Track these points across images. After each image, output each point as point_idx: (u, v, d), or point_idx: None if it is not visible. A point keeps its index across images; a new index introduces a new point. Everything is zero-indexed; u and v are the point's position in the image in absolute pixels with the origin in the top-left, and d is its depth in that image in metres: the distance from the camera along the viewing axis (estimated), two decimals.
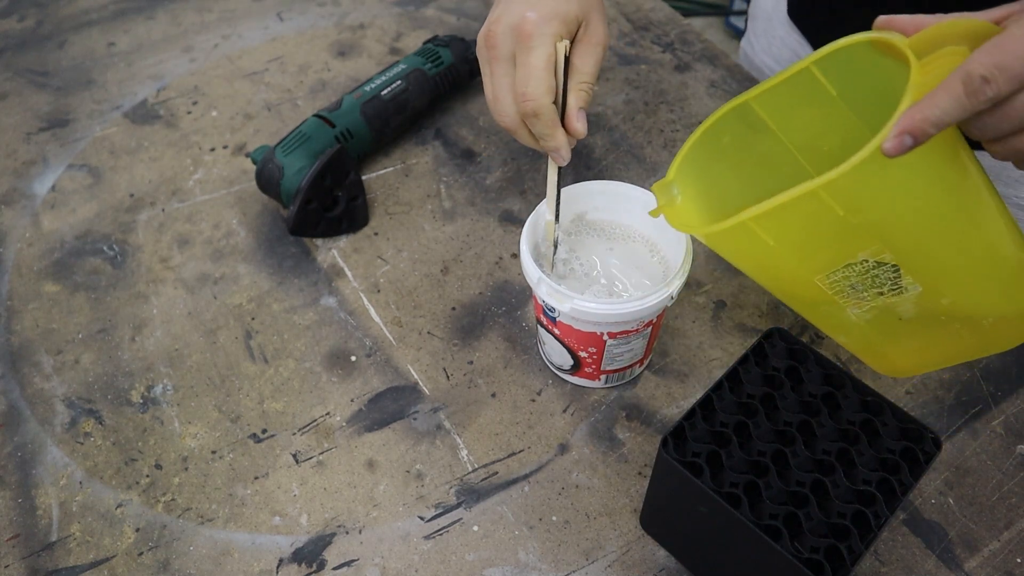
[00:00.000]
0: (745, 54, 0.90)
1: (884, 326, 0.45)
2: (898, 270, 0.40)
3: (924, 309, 0.43)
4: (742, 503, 0.43)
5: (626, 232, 0.59)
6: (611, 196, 0.58)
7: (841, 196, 0.36)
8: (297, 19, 0.91)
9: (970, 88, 0.35)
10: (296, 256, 0.68)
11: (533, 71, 0.52)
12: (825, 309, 0.46)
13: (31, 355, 0.63)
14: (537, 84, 0.52)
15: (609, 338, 0.53)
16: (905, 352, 0.48)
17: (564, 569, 0.51)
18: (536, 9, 0.53)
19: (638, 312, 0.50)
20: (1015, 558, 0.51)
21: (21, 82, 0.85)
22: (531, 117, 0.54)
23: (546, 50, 0.52)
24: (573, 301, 0.50)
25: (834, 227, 0.38)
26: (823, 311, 0.46)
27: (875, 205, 0.38)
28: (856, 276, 0.42)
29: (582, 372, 0.57)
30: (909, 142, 0.34)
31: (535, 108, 0.53)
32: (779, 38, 0.82)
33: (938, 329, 0.45)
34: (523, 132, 0.56)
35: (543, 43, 0.52)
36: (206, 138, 0.78)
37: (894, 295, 0.42)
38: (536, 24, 0.52)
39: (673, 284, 0.51)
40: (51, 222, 0.72)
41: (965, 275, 0.42)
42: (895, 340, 0.47)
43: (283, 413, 0.59)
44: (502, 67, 0.55)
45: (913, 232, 0.39)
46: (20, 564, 0.52)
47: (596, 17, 0.56)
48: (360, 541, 0.53)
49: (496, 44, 0.54)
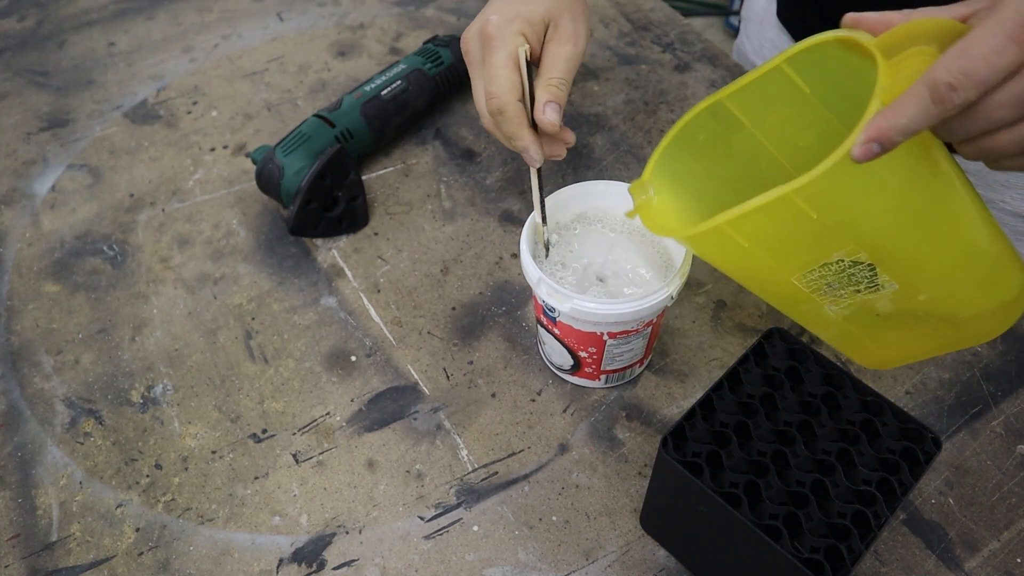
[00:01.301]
0: (739, 53, 0.91)
1: (862, 322, 0.45)
2: (874, 268, 0.40)
3: (901, 305, 0.43)
4: (742, 503, 0.43)
5: (627, 231, 0.59)
6: (612, 196, 0.58)
7: (813, 200, 0.36)
8: (297, 19, 0.91)
9: (936, 95, 0.34)
10: (296, 256, 0.68)
11: (494, 70, 0.53)
12: (804, 307, 0.46)
13: (31, 355, 0.63)
14: (499, 82, 0.53)
15: (609, 338, 0.53)
16: (885, 345, 0.48)
17: (564, 569, 0.51)
18: (499, 12, 0.54)
19: (638, 312, 0.50)
20: (1015, 558, 0.51)
21: (21, 82, 0.85)
22: (498, 116, 0.54)
23: (507, 49, 0.53)
24: (573, 301, 0.50)
25: (808, 229, 0.38)
26: (802, 308, 0.46)
27: (848, 207, 0.38)
28: (832, 275, 0.42)
29: (582, 372, 0.57)
30: (876, 149, 0.34)
31: (499, 105, 0.53)
32: (770, 40, 0.83)
33: (916, 324, 0.45)
34: (499, 133, 0.57)
35: (504, 43, 0.53)
36: (206, 138, 0.78)
37: (871, 292, 0.42)
38: (497, 26, 0.54)
39: (673, 284, 0.51)
40: (51, 222, 0.72)
41: (942, 272, 0.42)
42: (874, 335, 0.47)
43: (283, 413, 0.59)
44: (476, 71, 0.56)
45: (888, 232, 0.39)
46: (20, 564, 0.52)
47: (567, 17, 0.56)
48: (360, 541, 0.53)
49: (468, 50, 0.57)
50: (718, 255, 0.44)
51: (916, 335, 0.46)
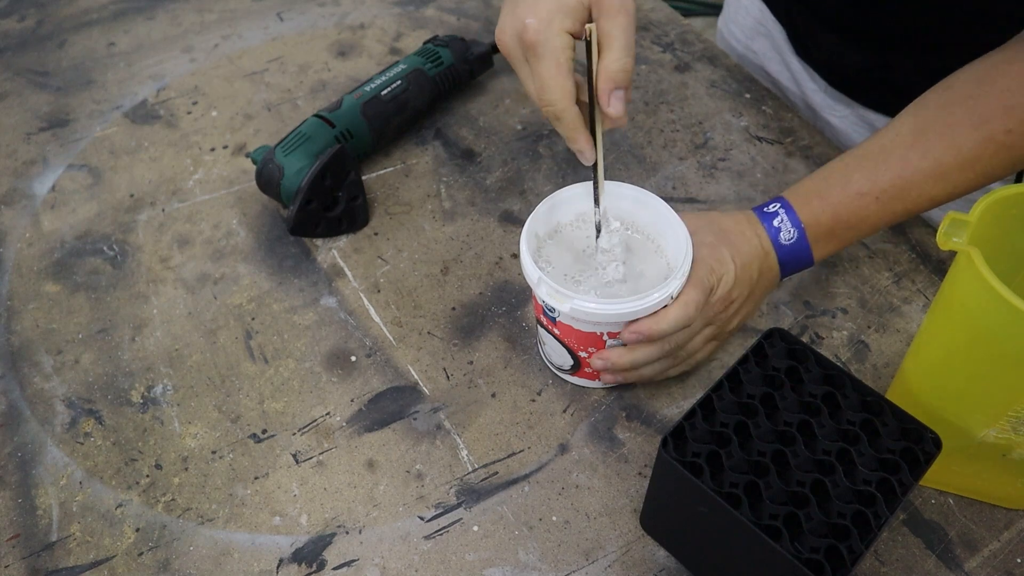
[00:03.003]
0: (720, 32, 0.94)
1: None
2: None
3: None
4: (742, 503, 0.43)
5: (632, 232, 0.58)
6: (613, 197, 0.58)
7: None
8: (297, 19, 0.91)
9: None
10: (296, 256, 0.68)
11: (544, 81, 0.52)
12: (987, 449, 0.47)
13: (31, 355, 0.63)
14: (552, 91, 0.51)
15: (609, 338, 0.53)
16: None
17: (564, 569, 0.51)
18: (534, 13, 0.51)
19: (637, 313, 0.50)
20: (1015, 558, 0.51)
21: (21, 82, 0.85)
22: (555, 121, 0.53)
23: (553, 58, 0.51)
24: (573, 301, 0.50)
25: None
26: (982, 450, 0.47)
27: None
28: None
29: (582, 372, 0.57)
30: None
31: (555, 112, 0.52)
32: (743, 7, 0.87)
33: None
34: (557, 128, 0.55)
35: (548, 51, 0.51)
36: (206, 138, 0.78)
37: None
38: (536, 31, 0.51)
39: (672, 285, 0.51)
40: (51, 222, 0.72)
41: None
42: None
43: (283, 413, 0.59)
44: (524, 71, 0.54)
45: None
46: (20, 564, 0.52)
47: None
48: (360, 541, 0.53)
49: (510, 53, 0.54)
50: (992, 332, 0.42)
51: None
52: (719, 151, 0.76)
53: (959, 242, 0.42)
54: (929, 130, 0.55)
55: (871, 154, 0.56)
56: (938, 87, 0.56)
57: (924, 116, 0.56)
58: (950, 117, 0.54)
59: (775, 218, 0.57)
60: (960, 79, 0.56)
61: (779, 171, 0.74)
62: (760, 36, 0.86)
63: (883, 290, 0.65)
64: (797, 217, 0.56)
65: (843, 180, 0.56)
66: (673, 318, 0.52)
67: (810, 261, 0.58)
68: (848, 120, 0.79)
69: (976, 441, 0.47)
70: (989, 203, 0.43)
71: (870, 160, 0.56)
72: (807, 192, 0.57)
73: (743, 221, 0.57)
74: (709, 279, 0.53)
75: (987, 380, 0.45)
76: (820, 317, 0.63)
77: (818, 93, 0.81)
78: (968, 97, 0.54)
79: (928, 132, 0.55)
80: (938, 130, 0.54)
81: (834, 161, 0.58)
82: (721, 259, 0.54)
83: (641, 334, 0.51)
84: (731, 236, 0.56)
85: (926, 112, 0.56)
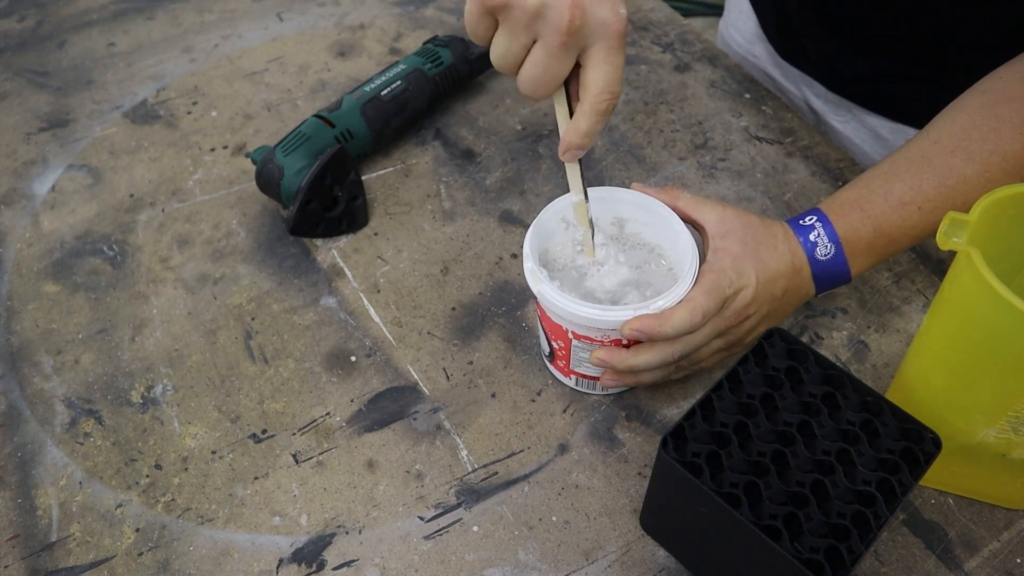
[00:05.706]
0: (720, 35, 0.94)
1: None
2: None
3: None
4: (742, 503, 0.43)
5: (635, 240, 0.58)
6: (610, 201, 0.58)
7: None
8: (297, 19, 0.91)
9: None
10: (296, 256, 0.68)
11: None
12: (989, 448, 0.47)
13: (31, 355, 0.63)
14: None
15: (575, 339, 0.53)
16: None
17: (564, 569, 0.51)
18: None
19: (593, 319, 0.50)
20: (1015, 558, 0.51)
21: (21, 82, 0.85)
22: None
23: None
24: (541, 286, 0.51)
25: None
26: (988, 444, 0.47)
27: None
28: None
29: (556, 363, 0.57)
30: None
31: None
32: (744, 12, 0.87)
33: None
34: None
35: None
36: (206, 138, 0.78)
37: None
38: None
39: (632, 314, 0.50)
40: (51, 222, 0.72)
41: None
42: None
43: (283, 413, 0.59)
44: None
45: None
46: (20, 564, 0.52)
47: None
48: (360, 541, 0.53)
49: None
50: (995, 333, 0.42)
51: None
52: (719, 151, 0.76)
53: (959, 242, 0.41)
54: (972, 134, 0.52)
55: (911, 161, 0.53)
56: (976, 89, 0.54)
57: (965, 119, 0.53)
58: (994, 120, 0.52)
59: (811, 232, 0.54)
60: (1001, 80, 0.53)
61: (779, 171, 0.74)
62: (761, 41, 0.86)
63: (883, 290, 0.65)
64: (834, 231, 0.54)
65: (884, 189, 0.53)
66: (678, 320, 0.49)
67: (847, 277, 0.55)
68: (850, 125, 0.79)
69: (976, 441, 0.47)
70: (989, 203, 0.43)
71: (911, 167, 0.53)
72: (845, 203, 0.54)
73: (779, 234, 0.55)
74: (726, 290, 0.51)
75: (987, 380, 0.45)
76: (820, 317, 0.63)
77: (819, 98, 0.81)
78: (1011, 99, 0.52)
79: (971, 136, 0.52)
80: (982, 134, 0.52)
81: (872, 169, 0.55)
82: (743, 272, 0.52)
83: (643, 333, 0.49)
84: (761, 249, 0.53)
85: (967, 115, 0.53)
